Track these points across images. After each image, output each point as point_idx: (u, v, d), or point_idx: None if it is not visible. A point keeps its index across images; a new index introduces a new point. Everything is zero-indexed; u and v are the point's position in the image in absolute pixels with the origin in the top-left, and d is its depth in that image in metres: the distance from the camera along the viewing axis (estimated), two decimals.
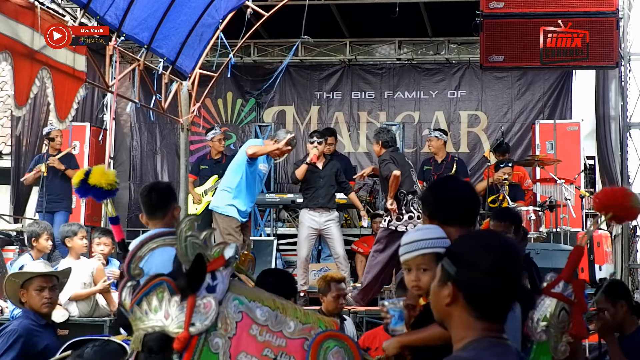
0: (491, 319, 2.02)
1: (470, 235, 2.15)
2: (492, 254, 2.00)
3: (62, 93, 7.03)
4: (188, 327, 2.47)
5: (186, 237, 2.57)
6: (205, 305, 2.51)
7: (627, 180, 9.03)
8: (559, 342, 2.83)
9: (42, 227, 7.55)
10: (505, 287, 2.01)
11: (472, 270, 2.00)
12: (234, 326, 2.54)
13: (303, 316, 2.63)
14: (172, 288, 2.51)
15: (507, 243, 2.06)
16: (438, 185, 3.47)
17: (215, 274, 2.57)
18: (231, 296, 2.58)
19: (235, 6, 9.26)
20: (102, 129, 11.72)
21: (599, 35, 8.30)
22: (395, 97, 12.63)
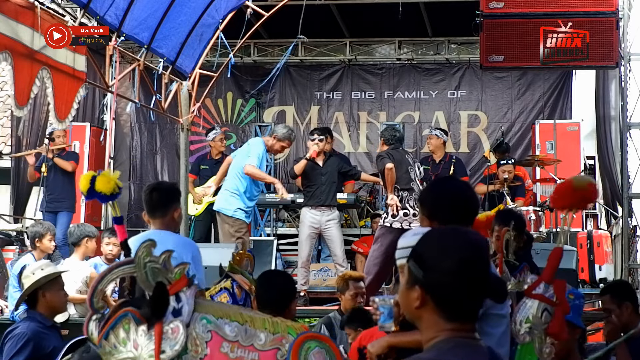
0: (461, 319, 1.99)
1: (434, 234, 2.09)
2: (457, 254, 1.97)
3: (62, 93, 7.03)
4: (159, 354, 2.47)
5: (145, 264, 2.58)
6: (173, 330, 2.51)
7: (627, 180, 9.02)
8: (543, 344, 2.85)
9: (46, 228, 7.56)
10: (473, 287, 1.98)
11: (438, 273, 1.97)
12: (205, 346, 2.53)
13: (272, 326, 2.62)
14: (137, 318, 2.51)
15: (472, 241, 2.02)
16: (437, 185, 3.46)
17: (179, 296, 2.57)
18: (198, 316, 2.57)
19: (235, 6, 9.26)
20: (102, 129, 11.72)
21: (599, 35, 8.30)
22: (395, 97, 12.63)
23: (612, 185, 10.61)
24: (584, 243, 9.36)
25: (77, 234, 7.30)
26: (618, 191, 9.82)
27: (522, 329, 2.92)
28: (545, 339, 2.85)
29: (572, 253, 7.48)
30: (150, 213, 4.83)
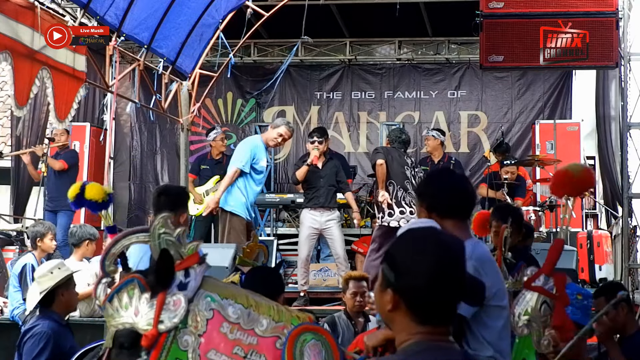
0: (434, 323, 1.96)
1: (408, 237, 2.04)
2: (430, 258, 1.93)
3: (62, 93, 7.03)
4: (157, 324, 2.47)
5: (159, 235, 2.59)
6: (174, 302, 2.51)
7: (627, 180, 9.02)
8: (541, 336, 2.86)
9: (47, 227, 7.57)
10: (446, 291, 1.94)
11: (410, 277, 1.94)
12: (205, 324, 2.53)
13: (276, 314, 2.61)
14: (143, 285, 2.51)
15: (446, 244, 1.98)
16: (436, 177, 3.45)
17: (189, 271, 2.57)
18: (203, 293, 2.57)
19: (235, 6, 9.26)
20: (102, 129, 11.72)
21: (599, 35, 8.30)
22: (395, 97, 12.63)
23: (612, 185, 10.61)
24: (584, 243, 9.37)
25: (79, 235, 7.30)
26: (618, 191, 9.83)
27: (520, 322, 2.91)
28: (543, 331, 2.85)
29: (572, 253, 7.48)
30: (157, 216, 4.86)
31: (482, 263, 3.11)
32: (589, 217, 10.99)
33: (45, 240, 7.48)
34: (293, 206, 10.50)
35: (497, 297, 3.14)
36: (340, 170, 8.90)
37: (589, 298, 3.48)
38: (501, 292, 3.18)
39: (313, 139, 8.74)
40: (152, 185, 12.76)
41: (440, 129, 10.65)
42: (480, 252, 3.15)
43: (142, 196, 12.74)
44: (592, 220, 11.13)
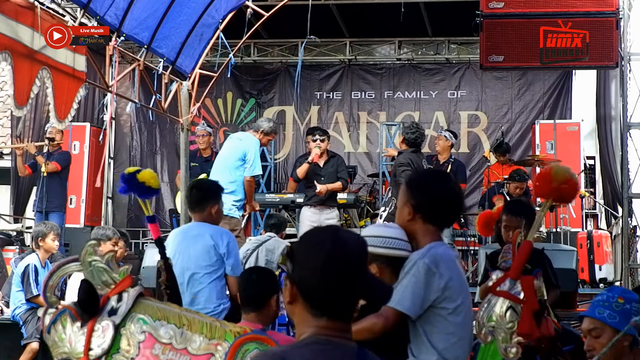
0: (330, 317, 2.00)
1: (310, 232, 2.10)
2: (323, 251, 1.99)
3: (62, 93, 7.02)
4: (87, 352, 2.56)
5: (90, 262, 2.68)
6: (103, 328, 2.59)
7: (627, 180, 9.02)
8: (508, 343, 2.77)
9: (49, 227, 7.55)
10: (338, 286, 1.98)
11: (304, 268, 2.00)
12: (137, 347, 2.60)
13: (209, 331, 2.66)
14: (73, 315, 2.61)
15: (342, 242, 2.02)
16: (432, 182, 3.33)
17: (122, 295, 2.65)
18: (136, 316, 2.63)
19: (235, 6, 9.26)
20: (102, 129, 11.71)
21: (599, 35, 8.30)
22: (395, 97, 12.63)
23: (612, 185, 10.61)
24: (584, 243, 9.37)
25: (92, 236, 7.26)
26: (618, 191, 9.82)
27: (484, 328, 2.85)
28: (510, 338, 2.77)
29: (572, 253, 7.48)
30: (190, 209, 5.32)
31: (436, 263, 3.02)
32: (589, 217, 10.99)
33: (47, 240, 7.46)
34: (293, 206, 10.49)
35: (449, 299, 3.02)
36: (341, 168, 8.95)
37: (633, 302, 3.17)
38: (455, 295, 3.04)
39: (315, 137, 8.77)
40: None
41: (454, 131, 10.64)
42: (436, 252, 3.06)
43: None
44: (592, 220, 11.13)
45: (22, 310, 7.31)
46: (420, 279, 3.00)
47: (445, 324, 3.02)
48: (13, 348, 7.43)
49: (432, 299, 3.01)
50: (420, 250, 3.09)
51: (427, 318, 3.04)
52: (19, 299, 7.32)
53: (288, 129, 12.77)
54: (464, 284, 3.17)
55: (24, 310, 7.30)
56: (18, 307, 7.34)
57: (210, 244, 5.11)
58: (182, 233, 5.39)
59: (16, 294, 7.37)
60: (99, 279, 2.67)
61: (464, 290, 3.12)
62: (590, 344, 3.15)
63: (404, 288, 3.02)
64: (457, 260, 3.23)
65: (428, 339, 3.02)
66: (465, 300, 3.09)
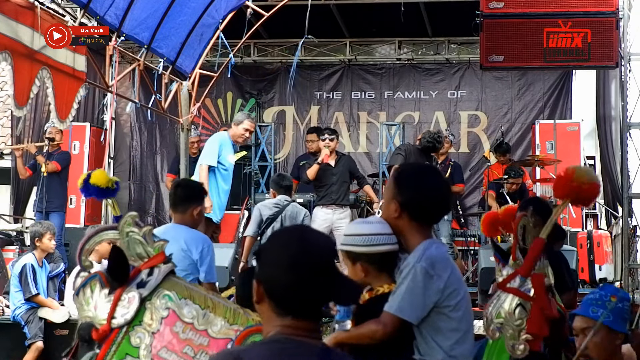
0: (295, 316, 1.99)
1: (278, 232, 2.12)
2: (287, 251, 1.99)
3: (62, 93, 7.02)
4: (110, 319, 2.57)
5: (127, 233, 2.69)
6: (129, 299, 2.59)
7: (627, 180, 9.02)
8: (516, 341, 2.74)
9: (45, 227, 7.56)
10: (302, 284, 1.98)
11: (269, 268, 2.01)
12: (159, 322, 2.59)
13: (232, 317, 2.66)
14: (103, 281, 2.62)
15: (307, 240, 2.03)
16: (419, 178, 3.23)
17: (153, 270, 2.65)
18: (162, 292, 2.63)
19: (235, 6, 9.26)
20: (102, 129, 11.72)
21: (599, 35, 8.30)
22: (395, 97, 12.63)
23: (612, 186, 10.61)
24: (584, 243, 9.37)
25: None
26: (618, 191, 9.82)
27: (492, 325, 2.83)
28: (518, 335, 2.74)
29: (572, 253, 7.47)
30: (172, 207, 5.16)
31: (433, 264, 2.99)
32: (589, 217, 10.98)
33: (43, 240, 7.47)
34: None
35: (450, 297, 3.00)
36: (354, 167, 9.00)
37: (625, 301, 3.20)
38: (457, 293, 3.01)
39: (324, 136, 8.84)
40: (152, 185, 12.77)
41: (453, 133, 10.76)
42: (432, 253, 3.03)
43: (142, 196, 12.74)
44: (592, 220, 11.13)
45: (22, 310, 7.31)
46: (418, 284, 2.97)
47: (449, 322, 3.01)
48: (13, 348, 7.44)
49: (434, 302, 2.99)
50: (416, 253, 3.04)
51: (431, 320, 3.02)
52: (18, 299, 7.33)
53: (288, 129, 12.77)
54: (460, 277, 3.17)
55: (24, 310, 7.31)
56: (18, 308, 7.35)
57: (184, 249, 4.99)
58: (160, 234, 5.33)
59: (15, 294, 7.37)
60: (133, 251, 2.67)
61: (462, 284, 3.11)
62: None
63: (403, 294, 2.98)
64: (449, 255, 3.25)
65: (434, 339, 3.01)
66: (464, 293, 3.09)
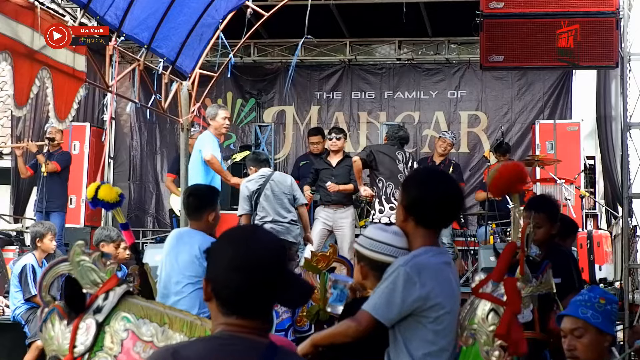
0: (240, 315, 2.00)
1: (229, 230, 2.12)
2: (232, 251, 2.00)
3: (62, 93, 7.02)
4: (72, 349, 2.64)
5: (78, 262, 2.77)
6: (87, 326, 2.66)
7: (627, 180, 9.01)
8: (490, 346, 2.71)
9: (47, 227, 7.56)
10: (245, 284, 1.98)
11: (216, 267, 2.02)
12: (120, 345, 2.65)
13: (189, 330, 2.70)
14: (60, 313, 2.70)
15: (253, 240, 2.02)
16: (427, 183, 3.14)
17: (108, 294, 2.71)
18: (120, 314, 2.69)
19: (235, 6, 9.25)
20: (102, 129, 11.72)
21: (599, 35, 8.29)
22: (395, 97, 12.63)
23: (612, 186, 10.60)
24: (584, 243, 9.36)
25: (96, 237, 7.27)
26: (618, 191, 9.82)
27: (466, 331, 2.79)
28: (492, 341, 2.71)
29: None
30: (188, 216, 5.28)
31: (418, 271, 2.91)
32: (589, 217, 10.98)
33: (44, 240, 7.47)
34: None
35: (432, 309, 2.91)
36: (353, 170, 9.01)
37: (613, 303, 3.18)
38: (440, 307, 2.92)
39: (331, 135, 8.88)
40: (152, 185, 12.77)
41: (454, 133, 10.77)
42: (422, 260, 2.96)
43: (142, 196, 12.74)
44: (592, 220, 11.12)
45: (22, 310, 7.32)
46: (398, 287, 2.91)
47: (424, 332, 2.93)
48: (13, 348, 7.44)
49: (412, 308, 2.91)
50: (405, 257, 3.00)
51: (406, 325, 2.95)
52: (18, 299, 7.33)
53: (288, 129, 12.77)
54: (453, 292, 3.02)
55: (24, 310, 7.31)
56: (18, 308, 7.35)
57: (197, 256, 5.05)
58: (176, 237, 5.40)
59: (15, 294, 7.37)
60: (87, 279, 2.74)
61: (451, 299, 2.99)
62: (572, 344, 3.09)
63: (381, 293, 2.94)
64: (449, 266, 3.08)
65: (406, 346, 2.94)
66: (452, 309, 2.97)
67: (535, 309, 3.33)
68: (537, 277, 3.41)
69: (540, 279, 3.40)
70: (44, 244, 7.48)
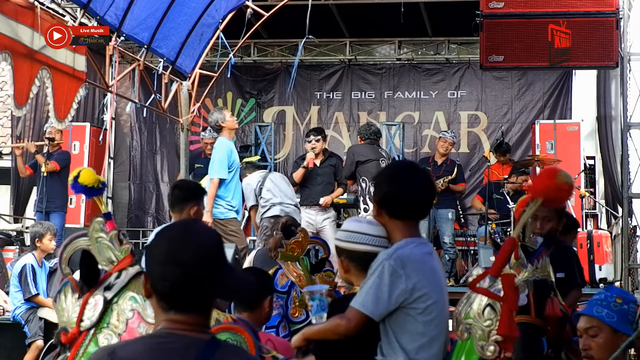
0: (178, 310, 1.99)
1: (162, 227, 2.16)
2: (169, 246, 2.01)
3: (62, 93, 7.03)
4: (79, 323, 2.68)
5: (96, 239, 2.83)
6: (96, 302, 2.70)
7: (627, 180, 9.02)
8: (486, 341, 2.69)
9: (46, 227, 7.57)
10: (181, 279, 1.97)
11: (153, 262, 2.02)
12: (125, 324, 2.68)
13: None
14: (73, 287, 2.74)
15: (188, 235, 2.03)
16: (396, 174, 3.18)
17: (121, 273, 2.75)
18: (129, 294, 2.72)
19: (235, 6, 9.26)
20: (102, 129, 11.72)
21: (599, 35, 8.30)
22: (395, 97, 12.63)
23: (612, 185, 10.61)
24: (584, 243, 9.36)
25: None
26: (618, 191, 9.82)
27: (461, 325, 2.78)
28: (488, 336, 2.69)
29: None
30: (170, 208, 5.35)
31: (403, 264, 2.93)
32: (589, 217, 10.98)
33: (44, 240, 7.47)
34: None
35: (420, 300, 2.93)
36: (338, 169, 8.96)
37: (631, 303, 3.09)
38: (427, 297, 2.94)
39: (310, 138, 8.85)
40: (152, 185, 12.77)
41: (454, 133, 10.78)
42: (405, 252, 2.97)
43: (142, 196, 12.74)
44: (592, 220, 11.13)
45: (22, 310, 7.32)
46: (384, 281, 2.92)
47: (415, 324, 2.95)
48: (13, 348, 7.44)
49: (400, 301, 2.93)
50: (388, 250, 3.02)
51: (396, 318, 2.96)
52: (18, 299, 7.33)
53: (288, 129, 12.76)
54: (439, 281, 3.06)
55: (24, 310, 7.31)
56: (18, 307, 7.35)
57: None
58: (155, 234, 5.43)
59: (15, 294, 7.38)
60: (104, 256, 2.77)
61: (437, 289, 3.02)
62: (587, 343, 3.06)
63: (368, 289, 2.95)
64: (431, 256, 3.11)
65: (397, 339, 2.95)
66: (439, 298, 3.00)
67: (530, 294, 3.30)
68: (532, 262, 3.37)
69: (536, 264, 3.34)
70: (43, 244, 7.48)
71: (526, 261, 3.41)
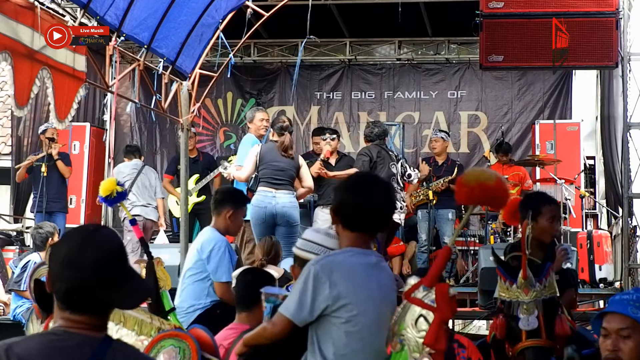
0: (73, 311, 2.05)
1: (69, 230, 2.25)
2: (68, 249, 2.08)
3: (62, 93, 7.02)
4: None
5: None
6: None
7: (627, 180, 9.03)
8: (420, 352, 2.64)
9: (53, 228, 7.66)
10: (75, 280, 2.04)
11: (53, 261, 2.10)
12: None
13: (139, 328, 2.83)
14: (35, 313, 2.84)
15: (87, 239, 2.09)
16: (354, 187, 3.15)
17: None
18: None
19: (235, 6, 9.25)
20: (102, 129, 11.72)
21: (599, 35, 8.30)
22: (395, 97, 12.63)
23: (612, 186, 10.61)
24: (584, 243, 9.36)
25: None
26: (618, 191, 9.82)
27: (395, 336, 2.73)
28: (421, 348, 2.64)
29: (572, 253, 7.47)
30: (212, 211, 5.57)
31: (330, 270, 2.90)
32: (589, 217, 10.98)
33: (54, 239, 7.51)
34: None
35: (344, 309, 2.88)
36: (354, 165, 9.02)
37: None
38: (351, 308, 2.88)
39: (325, 135, 8.88)
40: None
41: (446, 131, 10.69)
42: (333, 259, 2.95)
43: None
44: (592, 220, 11.13)
45: (23, 309, 7.32)
46: (308, 285, 2.89)
47: (338, 333, 2.89)
48: None
49: (322, 308, 2.89)
50: (318, 256, 3.03)
51: (320, 325, 2.92)
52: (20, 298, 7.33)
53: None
54: (369, 293, 2.96)
55: (24, 309, 7.31)
56: (19, 307, 7.35)
57: (198, 249, 5.36)
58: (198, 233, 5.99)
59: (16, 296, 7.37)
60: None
61: (365, 301, 2.93)
62: (616, 344, 2.74)
63: (293, 293, 2.95)
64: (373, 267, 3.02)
65: (319, 347, 2.92)
66: (367, 311, 2.92)
67: (540, 315, 3.21)
68: (540, 281, 3.28)
69: (544, 282, 3.26)
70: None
71: (534, 281, 3.30)
